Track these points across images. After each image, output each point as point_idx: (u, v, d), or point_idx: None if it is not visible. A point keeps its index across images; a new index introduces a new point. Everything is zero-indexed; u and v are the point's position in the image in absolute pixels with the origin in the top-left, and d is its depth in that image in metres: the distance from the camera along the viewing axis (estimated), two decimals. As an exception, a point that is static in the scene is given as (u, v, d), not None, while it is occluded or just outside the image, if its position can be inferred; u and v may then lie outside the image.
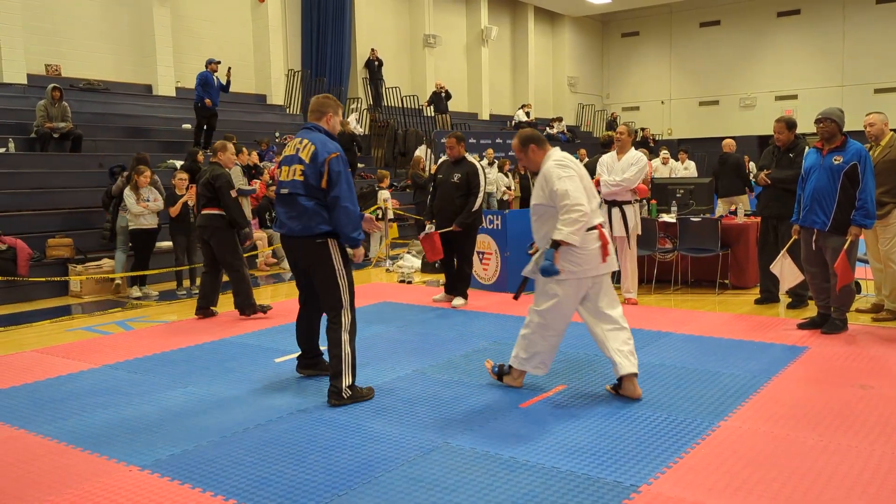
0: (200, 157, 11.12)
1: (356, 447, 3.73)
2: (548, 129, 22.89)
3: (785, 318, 6.62)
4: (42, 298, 8.76)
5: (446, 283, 7.85)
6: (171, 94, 15.12)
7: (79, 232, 9.83)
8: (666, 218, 7.99)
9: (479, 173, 7.39)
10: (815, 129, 5.86)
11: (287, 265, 5.02)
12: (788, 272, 6.21)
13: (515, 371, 4.65)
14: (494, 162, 15.45)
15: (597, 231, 4.31)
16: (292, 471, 3.47)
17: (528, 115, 22.56)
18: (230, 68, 13.33)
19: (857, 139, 5.86)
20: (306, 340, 4.97)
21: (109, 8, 14.53)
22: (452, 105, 20.23)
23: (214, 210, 6.94)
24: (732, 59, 25.65)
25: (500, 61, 24.79)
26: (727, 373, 4.88)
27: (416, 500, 3.13)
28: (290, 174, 4.44)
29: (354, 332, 4.51)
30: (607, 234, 4.40)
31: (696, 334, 6.01)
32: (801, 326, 6.08)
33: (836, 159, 5.71)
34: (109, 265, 9.13)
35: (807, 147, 6.62)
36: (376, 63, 19.18)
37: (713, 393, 4.47)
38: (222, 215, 6.92)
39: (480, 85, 23.45)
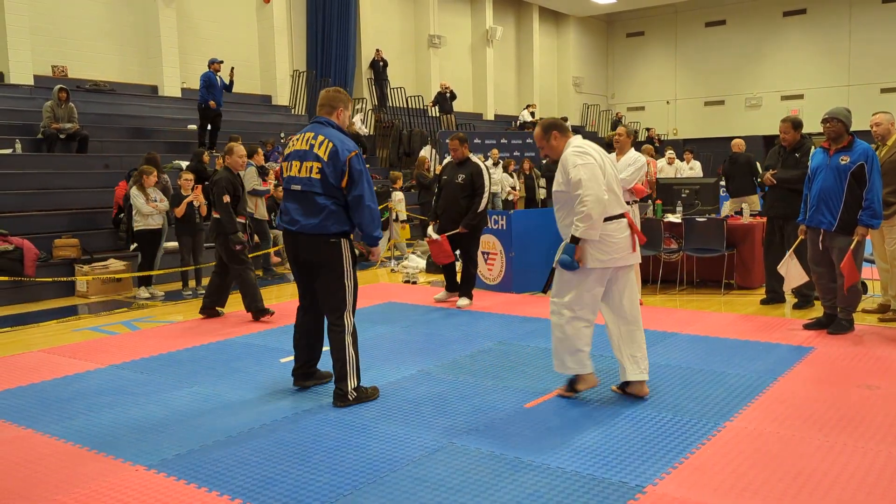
0: (206, 158, 11.16)
1: (361, 447, 3.74)
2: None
3: (791, 318, 6.60)
4: (48, 299, 8.80)
5: (447, 282, 7.86)
6: (177, 94, 15.17)
7: (85, 232, 9.86)
8: (671, 218, 7.98)
9: (484, 174, 7.40)
10: (821, 129, 5.85)
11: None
12: (794, 272, 6.20)
13: (580, 376, 4.37)
14: (499, 162, 15.45)
15: (625, 219, 4.19)
16: (298, 471, 3.48)
17: (532, 115, 22.54)
18: (233, 68, 13.37)
19: (863, 139, 5.85)
20: (308, 349, 4.70)
21: (115, 9, 14.58)
22: (457, 105, 20.23)
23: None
24: (738, 58, 25.59)
25: (504, 61, 24.79)
26: (733, 373, 4.87)
27: (420, 500, 3.13)
28: (305, 171, 4.28)
29: (356, 335, 4.47)
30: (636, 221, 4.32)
31: (702, 335, 6.00)
32: (807, 327, 6.07)
33: (842, 159, 5.69)
34: (116, 265, 9.17)
35: (813, 147, 6.60)
36: (381, 63, 19.19)
37: (719, 393, 4.47)
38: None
39: (485, 85, 23.45)
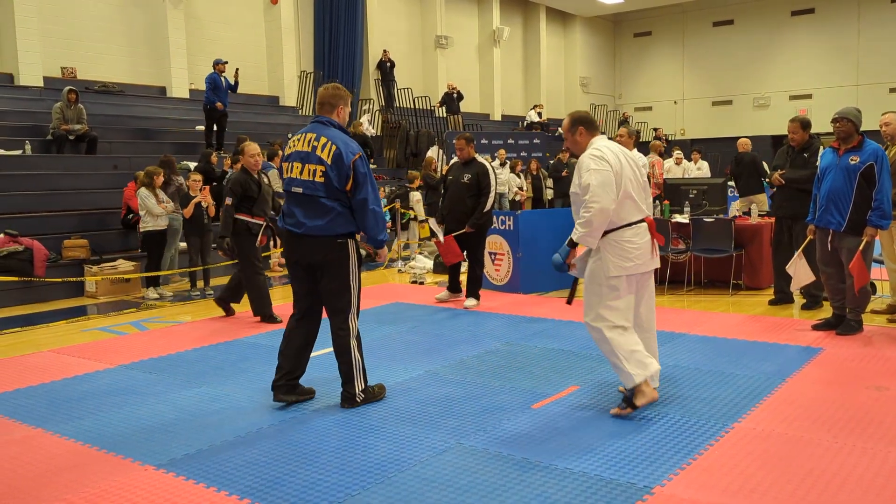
0: (214, 159, 11.20)
1: (369, 447, 3.74)
2: (560, 129, 22.87)
3: (799, 319, 6.58)
4: (58, 299, 8.85)
5: (450, 282, 7.86)
6: (185, 95, 15.23)
7: (94, 233, 9.92)
8: (679, 218, 7.96)
9: (490, 173, 7.40)
10: (829, 129, 5.83)
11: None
12: (802, 272, 6.18)
13: (638, 389, 4.10)
14: (506, 162, 15.44)
15: (645, 224, 4.09)
16: (306, 471, 3.48)
17: (539, 115, 22.54)
18: (237, 69, 13.40)
19: (872, 139, 5.82)
20: (295, 358, 4.43)
21: (124, 11, 14.65)
22: (464, 106, 20.24)
23: (237, 214, 6.90)
24: (746, 58, 25.51)
25: (511, 62, 24.78)
26: (741, 374, 4.86)
27: (428, 501, 3.14)
28: (308, 174, 4.19)
29: (360, 337, 4.45)
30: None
31: (710, 335, 5.99)
32: (816, 327, 6.04)
33: (852, 159, 5.67)
34: (124, 266, 9.21)
35: (821, 147, 6.58)
36: (388, 64, 19.22)
37: (727, 394, 4.45)
38: (240, 220, 6.87)
39: (492, 86, 23.45)
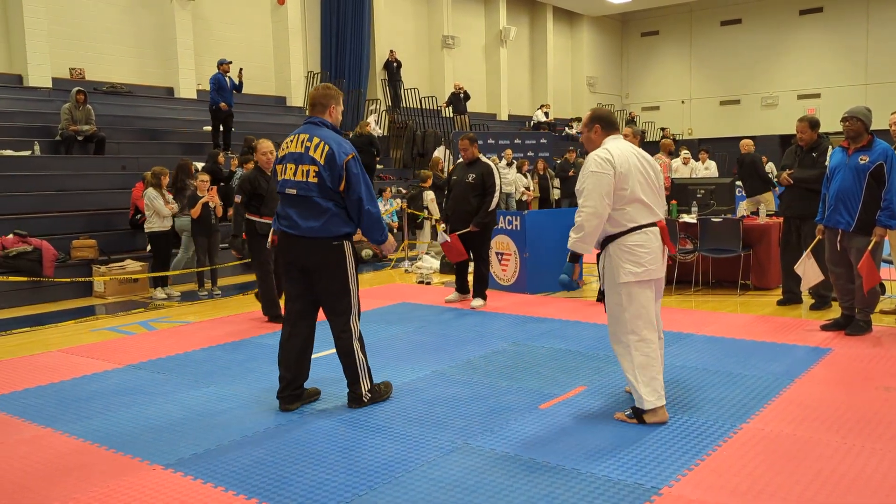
0: (221, 159, 11.22)
1: (376, 447, 3.75)
2: (567, 129, 22.84)
3: (808, 319, 6.55)
4: (67, 299, 8.88)
5: (458, 283, 7.86)
6: (193, 96, 15.28)
7: (102, 233, 9.96)
8: (686, 218, 7.94)
9: (494, 173, 7.42)
10: (838, 128, 5.80)
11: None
12: (810, 272, 6.15)
13: (651, 411, 3.98)
14: (513, 162, 15.43)
15: (657, 228, 3.96)
16: (313, 470, 3.49)
17: (546, 115, 22.52)
18: (241, 69, 13.41)
19: (881, 138, 5.80)
20: (298, 365, 4.40)
21: (132, 12, 14.70)
22: (471, 106, 20.23)
23: (248, 215, 6.83)
24: (754, 57, 25.43)
25: (518, 62, 24.76)
26: (749, 374, 4.84)
27: (436, 501, 3.14)
28: (302, 174, 4.18)
29: (363, 339, 4.43)
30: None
31: (718, 336, 5.96)
32: (825, 328, 6.02)
33: (861, 159, 5.64)
34: (132, 266, 9.25)
35: (830, 146, 6.55)
36: (395, 64, 19.23)
37: (735, 395, 4.44)
38: (249, 220, 6.86)
39: (499, 85, 23.44)
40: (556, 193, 16.33)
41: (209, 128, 13.41)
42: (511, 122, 23.37)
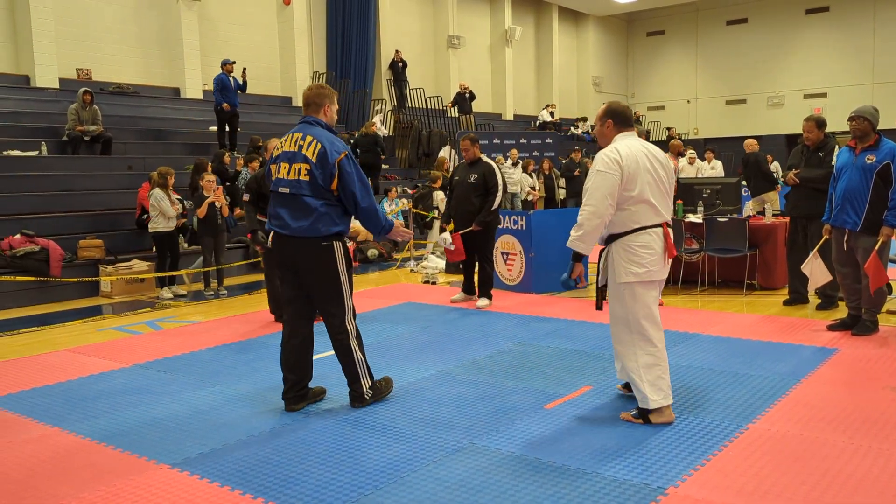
0: (227, 159, 11.25)
1: (382, 447, 3.75)
2: (572, 129, 22.82)
3: (814, 319, 6.53)
4: (73, 299, 8.92)
5: (464, 284, 7.87)
6: (199, 96, 15.32)
7: (109, 233, 9.99)
8: (692, 218, 7.93)
9: (496, 172, 7.44)
10: (844, 128, 5.79)
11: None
12: (818, 272, 6.13)
13: (656, 410, 3.96)
14: (518, 162, 15.42)
15: (661, 229, 3.90)
16: (319, 470, 3.50)
17: (552, 115, 22.50)
18: (245, 68, 13.42)
19: (888, 137, 5.77)
20: (300, 366, 4.40)
21: (138, 13, 14.75)
22: (476, 106, 20.23)
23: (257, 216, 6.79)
24: (760, 57, 25.35)
25: (524, 61, 24.75)
26: (755, 375, 4.83)
27: (441, 501, 3.14)
28: (294, 173, 4.18)
29: (361, 337, 4.41)
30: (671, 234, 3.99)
31: (724, 336, 5.95)
32: (831, 328, 6.00)
33: (868, 158, 5.63)
34: (139, 266, 9.28)
35: (837, 146, 6.53)
36: (400, 64, 19.24)
37: (741, 395, 4.43)
38: (259, 220, 6.83)
39: (504, 85, 23.43)
40: (561, 193, 16.33)
41: (215, 128, 13.44)
42: (516, 121, 23.36)
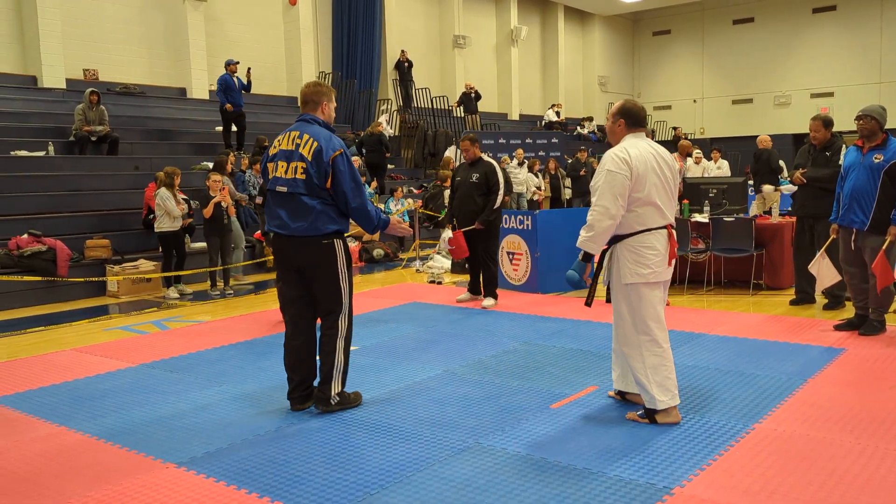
0: (232, 159, 11.25)
1: (388, 447, 3.76)
2: (578, 128, 22.78)
3: (821, 319, 6.51)
4: (80, 298, 8.95)
5: (470, 284, 7.87)
6: (205, 97, 15.35)
7: (116, 233, 10.03)
8: (698, 218, 7.91)
9: (497, 171, 7.45)
10: (851, 127, 5.77)
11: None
12: (826, 272, 6.11)
13: (663, 411, 3.96)
14: (524, 162, 15.41)
15: (666, 230, 3.92)
16: (325, 469, 3.50)
17: (558, 114, 22.47)
18: (249, 68, 13.42)
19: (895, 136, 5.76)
20: (304, 366, 4.38)
21: (145, 13, 14.80)
22: (482, 106, 20.22)
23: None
24: (766, 56, 25.26)
25: (529, 61, 24.72)
26: (762, 374, 4.81)
27: (447, 500, 3.14)
28: (291, 172, 4.16)
29: (350, 340, 4.37)
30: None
31: (731, 335, 5.94)
32: (838, 328, 5.98)
33: (876, 157, 5.61)
34: (145, 266, 9.31)
35: (844, 146, 6.50)
36: (406, 64, 19.25)
37: (748, 395, 4.42)
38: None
39: (510, 85, 23.41)
40: (567, 193, 16.30)
41: (221, 128, 13.47)
42: (522, 121, 23.34)
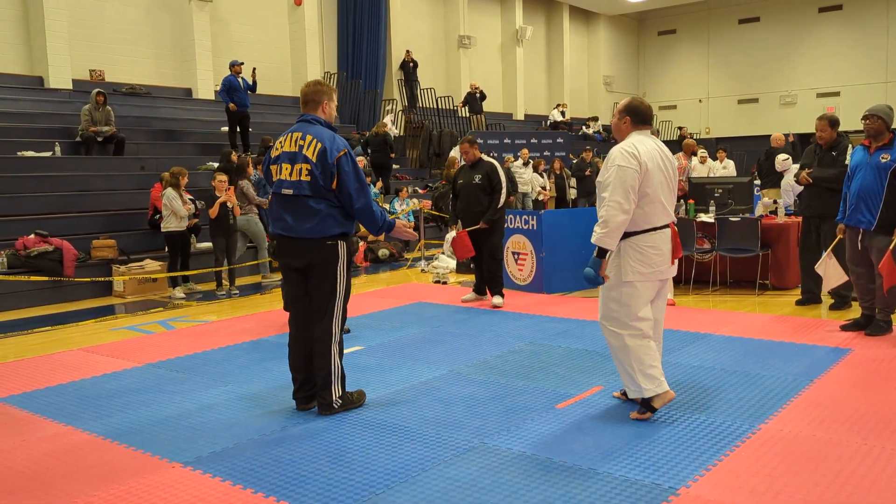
0: (234, 158, 11.28)
1: (393, 447, 3.76)
2: (583, 128, 22.76)
3: (827, 319, 6.49)
4: (87, 298, 8.98)
5: (476, 284, 7.87)
6: (210, 97, 15.39)
7: (122, 233, 10.06)
8: (704, 218, 7.89)
9: (499, 170, 7.46)
10: (857, 127, 5.76)
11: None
12: (833, 272, 6.10)
13: (656, 397, 4.03)
14: (529, 162, 15.40)
15: (669, 230, 3.98)
16: (331, 469, 3.51)
17: (563, 114, 22.45)
18: (255, 68, 13.44)
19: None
20: (307, 366, 4.37)
21: (151, 14, 14.84)
22: (487, 105, 20.22)
23: None
24: (772, 55, 25.21)
25: (534, 61, 24.71)
26: (768, 375, 4.80)
27: (452, 500, 3.14)
28: (296, 174, 4.12)
29: (342, 345, 4.35)
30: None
31: (736, 335, 5.92)
32: (844, 328, 5.96)
33: (883, 157, 5.59)
34: (151, 266, 9.34)
35: (850, 145, 6.49)
36: (411, 64, 19.26)
37: (754, 395, 4.41)
38: None
39: (515, 85, 23.41)
40: (572, 193, 16.29)
41: (227, 129, 13.50)
42: (527, 121, 23.33)
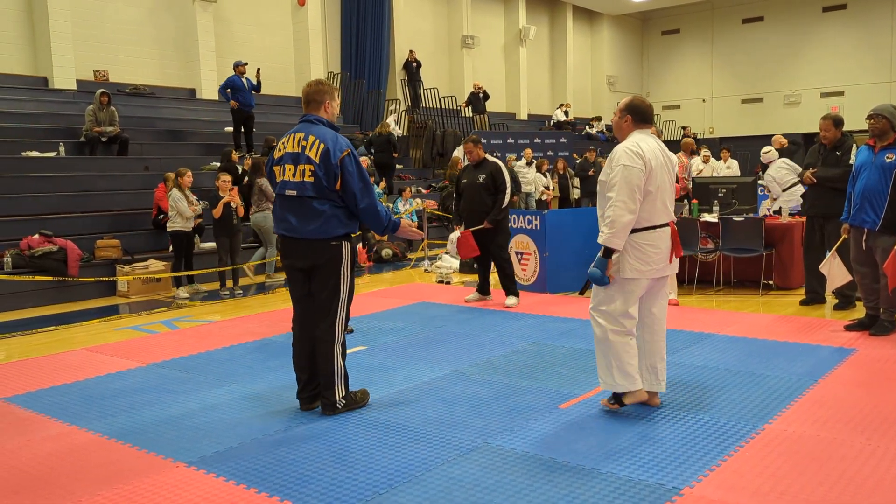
0: (235, 157, 11.31)
1: (397, 447, 3.76)
2: (587, 128, 22.74)
3: (831, 319, 6.48)
4: (91, 298, 9.00)
5: (479, 284, 7.87)
6: (214, 97, 15.40)
7: (126, 233, 10.08)
8: (707, 217, 7.89)
9: (503, 170, 7.46)
10: (862, 126, 5.74)
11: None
12: (837, 272, 6.09)
13: (629, 394, 4.14)
14: (533, 162, 15.40)
15: (668, 228, 4.01)
16: (334, 469, 3.51)
17: (566, 114, 22.43)
18: (259, 68, 13.43)
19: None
20: (311, 366, 4.38)
21: (154, 14, 14.87)
22: (490, 105, 20.21)
23: None
24: (776, 55, 25.14)
25: (538, 61, 24.69)
26: (772, 375, 4.80)
27: (456, 500, 3.15)
28: (300, 175, 4.10)
29: (345, 345, 4.35)
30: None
31: (740, 335, 5.92)
32: (849, 328, 5.95)
33: (888, 157, 5.58)
34: (155, 266, 9.35)
35: (854, 145, 6.47)
36: (415, 64, 19.26)
37: (758, 395, 4.40)
38: None
39: (518, 85, 23.39)
40: (575, 193, 16.27)
41: (230, 129, 13.52)
42: (531, 121, 23.32)
